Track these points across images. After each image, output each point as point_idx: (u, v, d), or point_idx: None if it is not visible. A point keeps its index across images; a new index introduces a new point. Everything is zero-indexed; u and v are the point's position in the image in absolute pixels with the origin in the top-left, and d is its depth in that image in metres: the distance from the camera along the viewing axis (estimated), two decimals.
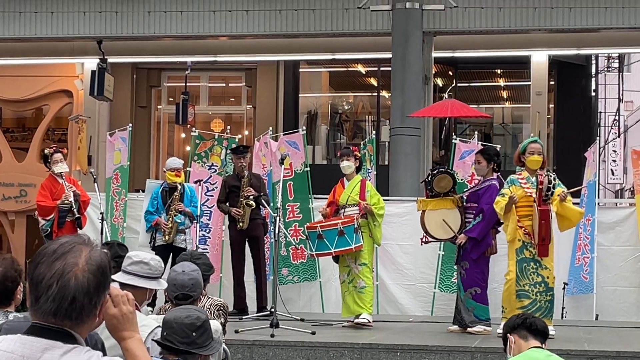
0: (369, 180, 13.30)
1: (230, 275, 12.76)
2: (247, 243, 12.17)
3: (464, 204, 10.54)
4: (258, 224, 12.03)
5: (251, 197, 11.70)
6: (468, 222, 10.39)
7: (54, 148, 12.28)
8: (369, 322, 10.61)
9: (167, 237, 11.95)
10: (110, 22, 17.47)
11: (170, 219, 11.96)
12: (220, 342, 4.54)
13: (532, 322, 5.22)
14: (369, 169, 13.58)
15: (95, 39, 18.08)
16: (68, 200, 11.62)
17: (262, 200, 11.64)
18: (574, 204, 13.24)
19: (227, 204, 12.05)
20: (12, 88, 20.95)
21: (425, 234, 10.64)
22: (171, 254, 11.69)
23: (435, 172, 10.55)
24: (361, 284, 10.66)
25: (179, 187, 12.10)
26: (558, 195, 9.61)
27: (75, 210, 11.66)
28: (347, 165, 10.92)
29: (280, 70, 20.94)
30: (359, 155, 11.22)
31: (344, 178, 11.05)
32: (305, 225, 11.47)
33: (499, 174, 10.64)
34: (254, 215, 11.90)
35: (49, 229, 11.73)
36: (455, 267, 11.11)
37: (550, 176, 9.66)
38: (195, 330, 4.34)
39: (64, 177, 11.89)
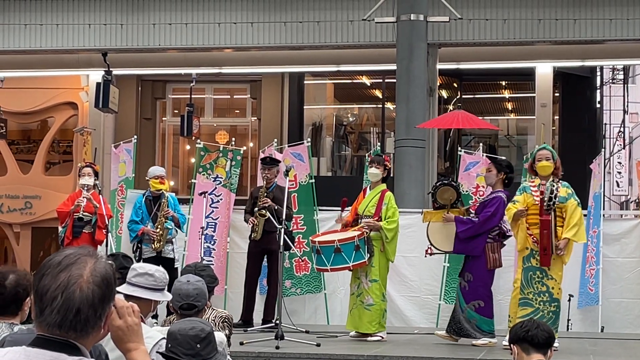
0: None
1: (235, 286, 12.75)
2: (265, 256, 12.11)
3: (470, 215, 10.49)
4: (275, 237, 11.83)
5: (264, 207, 11.61)
6: None
7: (86, 162, 12.80)
8: (383, 338, 10.54)
9: (156, 245, 11.92)
10: (115, 35, 17.52)
11: (160, 225, 11.94)
12: (224, 354, 4.54)
13: (533, 336, 5.17)
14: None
15: (100, 51, 18.11)
16: (79, 205, 11.82)
17: (275, 212, 11.41)
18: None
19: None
20: (18, 100, 21.00)
21: (430, 246, 10.59)
22: (160, 266, 11.62)
23: (438, 183, 10.53)
24: (369, 300, 10.50)
25: (165, 194, 12.11)
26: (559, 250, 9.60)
27: (80, 215, 11.83)
28: (374, 172, 10.76)
29: (285, 82, 20.98)
30: (390, 165, 11.02)
31: (368, 186, 10.99)
32: (311, 238, 11.41)
33: (507, 190, 10.51)
34: (271, 228, 11.50)
35: (63, 235, 11.92)
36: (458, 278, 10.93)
37: (553, 186, 9.61)
38: (199, 342, 4.32)
39: (86, 190, 12.04)
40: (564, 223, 9.61)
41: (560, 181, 9.78)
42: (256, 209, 11.73)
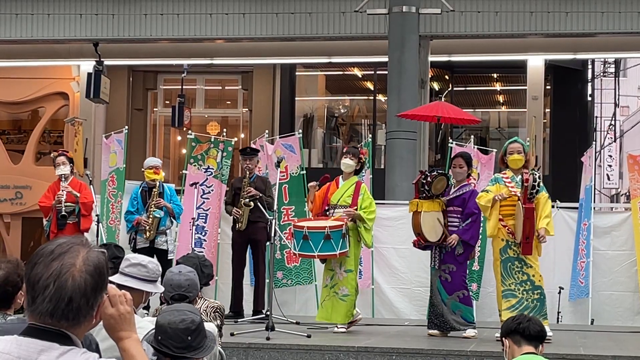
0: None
1: (225, 277, 12.76)
2: (249, 246, 12.12)
3: (446, 207, 10.46)
4: (260, 227, 11.83)
5: (249, 197, 11.62)
6: (452, 226, 10.35)
7: (59, 151, 12.51)
8: (346, 329, 10.49)
9: (147, 235, 11.91)
10: (107, 25, 17.47)
11: (150, 214, 11.94)
12: (213, 339, 4.49)
13: (525, 328, 5.19)
14: (363, 173, 13.54)
15: (91, 41, 18.07)
16: (60, 200, 11.72)
17: (258, 202, 11.48)
18: (571, 208, 13.36)
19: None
20: (8, 90, 20.95)
21: (418, 236, 10.41)
22: (155, 257, 11.65)
23: (434, 173, 10.39)
24: (344, 291, 10.41)
25: (158, 185, 12.09)
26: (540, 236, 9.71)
27: (62, 209, 11.71)
28: (348, 163, 10.68)
29: (276, 73, 20.96)
30: (364, 159, 10.95)
31: (340, 177, 10.87)
32: (293, 222, 11.32)
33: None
34: (256, 218, 11.67)
35: (48, 230, 11.87)
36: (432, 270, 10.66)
37: (535, 174, 9.75)
38: (190, 334, 4.28)
39: (64, 179, 11.95)
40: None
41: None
42: (242, 199, 11.74)
